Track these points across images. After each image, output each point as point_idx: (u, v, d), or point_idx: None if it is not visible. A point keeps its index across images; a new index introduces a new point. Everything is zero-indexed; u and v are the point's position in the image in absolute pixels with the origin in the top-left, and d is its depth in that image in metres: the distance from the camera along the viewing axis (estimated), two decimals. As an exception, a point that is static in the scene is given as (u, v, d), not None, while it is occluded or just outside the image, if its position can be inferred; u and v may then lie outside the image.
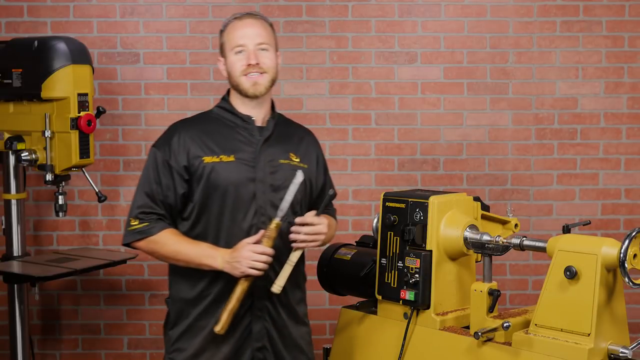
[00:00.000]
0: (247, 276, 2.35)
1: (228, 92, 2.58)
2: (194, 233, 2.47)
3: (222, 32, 2.55)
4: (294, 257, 2.39)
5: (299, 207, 2.51)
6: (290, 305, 2.53)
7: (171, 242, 2.42)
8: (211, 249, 2.40)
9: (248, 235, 2.41)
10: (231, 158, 2.44)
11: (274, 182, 2.45)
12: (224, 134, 2.49)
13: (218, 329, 2.36)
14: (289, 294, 2.51)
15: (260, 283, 2.43)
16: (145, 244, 2.45)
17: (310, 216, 2.40)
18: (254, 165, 2.45)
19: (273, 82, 2.51)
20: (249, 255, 2.32)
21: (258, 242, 2.36)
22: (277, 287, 2.38)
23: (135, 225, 2.45)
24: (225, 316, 2.35)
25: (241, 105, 2.52)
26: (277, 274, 2.41)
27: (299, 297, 2.59)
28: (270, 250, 2.34)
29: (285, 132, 2.59)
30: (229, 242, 2.41)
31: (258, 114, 2.53)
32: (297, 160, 2.54)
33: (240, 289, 2.36)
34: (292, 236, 2.39)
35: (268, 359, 2.49)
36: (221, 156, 2.44)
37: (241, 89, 2.48)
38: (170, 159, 2.44)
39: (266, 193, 2.44)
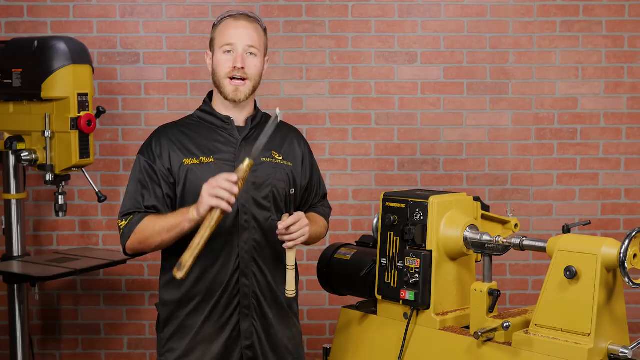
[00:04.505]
0: (213, 212, 2.23)
1: (209, 94, 2.61)
2: None
3: (214, 26, 2.56)
4: (290, 260, 2.40)
5: (282, 205, 2.51)
6: (279, 303, 2.53)
7: (150, 223, 2.39)
8: (185, 208, 2.34)
9: (232, 234, 2.43)
10: (210, 159, 2.46)
11: (256, 180, 2.45)
12: (203, 136, 2.51)
13: (180, 275, 2.19)
14: (277, 292, 2.51)
15: (244, 281, 2.45)
16: (134, 237, 2.42)
17: (288, 217, 2.37)
18: (234, 165, 2.45)
19: (254, 89, 2.53)
20: (212, 183, 2.23)
21: None
22: (289, 292, 2.41)
23: (121, 224, 2.45)
24: (189, 260, 2.19)
25: (221, 106, 2.54)
26: (261, 271, 2.45)
27: (289, 302, 2.57)
28: (234, 177, 2.23)
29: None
30: (214, 242, 2.41)
31: (239, 115, 2.54)
32: (280, 158, 2.54)
33: (205, 225, 2.21)
34: (284, 238, 2.37)
35: (257, 356, 2.50)
36: (200, 158, 2.46)
37: (222, 91, 2.50)
38: (154, 163, 2.46)
39: (248, 191, 2.44)
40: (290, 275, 2.40)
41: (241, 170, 2.24)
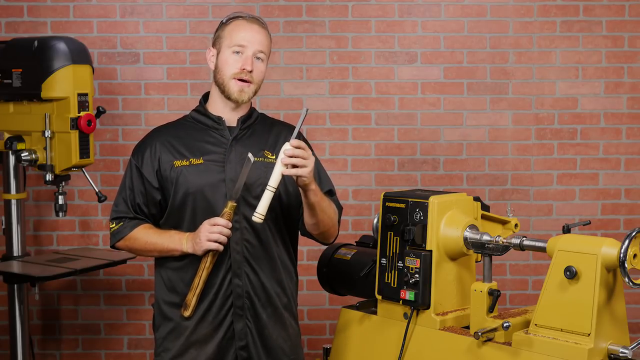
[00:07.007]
0: (208, 254, 2.39)
1: (205, 95, 2.62)
2: None
3: (222, 24, 2.55)
4: (274, 181, 2.31)
5: (275, 203, 2.48)
6: (273, 304, 2.53)
7: (142, 236, 2.51)
8: (178, 234, 2.46)
9: None
10: (200, 160, 2.48)
11: (247, 180, 2.45)
12: (195, 137, 2.52)
13: (187, 314, 2.43)
14: (270, 292, 2.51)
15: (236, 282, 2.45)
16: (123, 243, 2.56)
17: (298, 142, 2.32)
18: (223, 166, 2.46)
19: (256, 92, 2.55)
20: (206, 229, 2.37)
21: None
22: (257, 215, 2.31)
23: (113, 227, 2.56)
24: (192, 299, 2.42)
25: (218, 105, 2.55)
26: (254, 271, 2.45)
27: (284, 302, 2.57)
28: (224, 221, 2.36)
29: (262, 130, 2.59)
30: None
31: (234, 115, 2.55)
32: (273, 157, 2.52)
33: (202, 267, 2.40)
34: (283, 160, 2.30)
35: (252, 357, 2.50)
36: (191, 159, 2.48)
37: (226, 91, 2.50)
38: (142, 167, 2.50)
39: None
40: (267, 197, 2.31)
41: (225, 213, 2.38)
